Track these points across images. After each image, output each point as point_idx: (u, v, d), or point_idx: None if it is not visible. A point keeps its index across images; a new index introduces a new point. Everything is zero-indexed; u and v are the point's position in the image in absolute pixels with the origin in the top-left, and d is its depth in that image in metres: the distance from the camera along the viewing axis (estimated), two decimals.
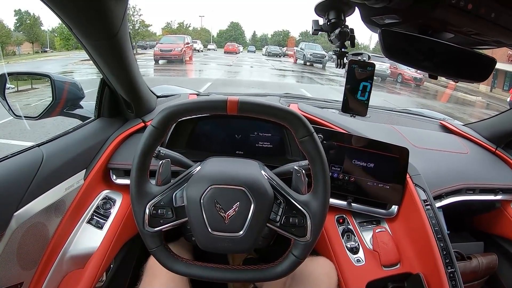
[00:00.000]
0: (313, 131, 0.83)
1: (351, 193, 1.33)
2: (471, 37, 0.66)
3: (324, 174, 0.85)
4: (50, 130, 4.20)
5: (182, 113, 0.83)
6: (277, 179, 0.92)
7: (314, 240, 0.87)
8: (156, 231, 0.87)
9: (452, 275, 1.14)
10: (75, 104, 1.49)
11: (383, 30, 0.67)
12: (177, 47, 20.29)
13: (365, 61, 1.16)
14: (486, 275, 1.56)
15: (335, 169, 1.32)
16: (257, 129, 1.46)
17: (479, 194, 1.53)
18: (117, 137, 1.36)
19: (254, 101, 0.82)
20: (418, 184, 1.31)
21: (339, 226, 1.32)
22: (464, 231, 1.80)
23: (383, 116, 1.91)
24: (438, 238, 1.19)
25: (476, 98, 17.22)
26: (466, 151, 1.67)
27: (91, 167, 1.29)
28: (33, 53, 33.89)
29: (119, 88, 1.29)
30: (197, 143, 1.47)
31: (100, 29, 0.95)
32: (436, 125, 1.93)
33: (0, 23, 31.84)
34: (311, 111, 1.53)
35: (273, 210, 0.87)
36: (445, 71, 0.73)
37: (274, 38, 79.74)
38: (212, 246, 0.87)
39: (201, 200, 0.83)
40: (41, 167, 1.08)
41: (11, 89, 1.42)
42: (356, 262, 1.23)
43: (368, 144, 1.30)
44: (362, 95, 1.21)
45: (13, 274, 1.03)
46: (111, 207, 1.33)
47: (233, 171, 0.88)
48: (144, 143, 0.84)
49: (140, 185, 0.86)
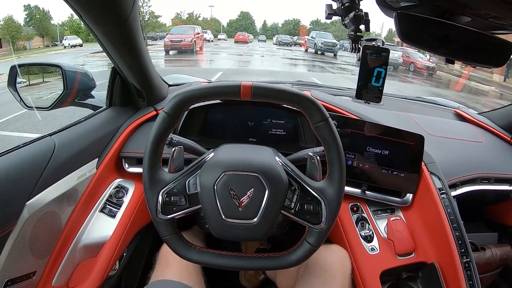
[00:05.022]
0: (328, 116, 0.82)
1: (365, 181, 1.31)
2: (488, 20, 0.64)
3: (339, 160, 0.84)
4: (64, 123, 4.30)
5: (194, 99, 0.82)
6: (291, 166, 0.91)
7: (329, 227, 0.86)
8: (169, 218, 0.87)
9: (467, 265, 1.12)
10: (86, 94, 1.49)
11: (399, 14, 0.66)
12: (187, 37, 20.30)
13: (380, 46, 1.15)
14: (499, 266, 1.53)
15: (349, 156, 1.30)
16: (270, 116, 1.45)
17: (494, 184, 1.50)
18: (129, 125, 1.36)
19: (268, 86, 0.81)
20: (434, 172, 1.28)
21: (353, 214, 1.30)
22: (478, 221, 1.78)
23: (396, 103, 1.88)
24: (453, 227, 1.17)
25: (489, 88, 16.92)
26: (481, 140, 1.63)
27: (103, 156, 1.30)
28: (43, 47, 34.21)
29: (131, 76, 1.28)
30: (209, 131, 1.46)
31: (110, 14, 0.94)
32: (450, 113, 1.89)
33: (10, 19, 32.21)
34: (324, 97, 1.51)
35: (287, 197, 0.85)
36: (462, 56, 0.71)
37: (285, 27, 79.40)
38: (226, 234, 0.86)
39: (214, 187, 0.82)
40: (53, 156, 1.08)
41: (23, 83, 1.43)
42: (370, 251, 1.22)
43: (382, 131, 1.28)
44: (376, 81, 1.18)
45: (26, 263, 1.04)
46: (124, 196, 1.34)
47: (247, 158, 0.87)
48: (156, 129, 0.83)
49: (152, 172, 0.86)
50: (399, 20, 0.66)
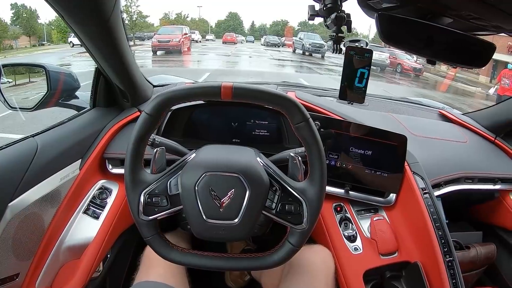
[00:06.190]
0: (308, 117, 0.82)
1: (348, 181, 1.32)
2: (470, 21, 0.65)
3: (320, 161, 0.84)
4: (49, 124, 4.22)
5: (175, 100, 0.82)
6: (273, 166, 0.91)
7: (311, 227, 0.86)
8: (151, 219, 0.86)
9: (450, 264, 1.13)
10: (70, 95, 1.48)
11: (380, 15, 0.66)
12: (175, 37, 20.28)
13: (363, 47, 1.15)
14: (484, 265, 1.55)
15: (333, 157, 1.31)
16: (254, 117, 1.45)
17: (478, 183, 1.52)
18: (113, 126, 1.34)
19: (249, 87, 0.81)
20: (416, 172, 1.30)
21: (336, 214, 1.31)
22: (463, 220, 1.80)
23: (381, 104, 1.89)
24: (436, 227, 1.18)
25: (475, 89, 17.21)
26: (465, 140, 1.66)
27: (86, 157, 1.28)
28: (30, 47, 33.78)
29: (114, 76, 1.27)
30: (193, 132, 1.45)
31: (91, 14, 0.93)
32: (435, 114, 1.91)
33: None
34: (308, 98, 1.51)
35: (268, 198, 0.86)
36: (444, 57, 0.71)
37: (273, 28, 79.43)
38: (207, 234, 0.86)
39: (195, 188, 0.82)
40: (35, 157, 1.07)
41: (8, 83, 1.41)
42: (354, 251, 1.23)
43: (366, 132, 1.29)
44: (359, 82, 1.20)
45: (9, 265, 1.02)
46: (107, 197, 1.32)
47: (228, 158, 0.87)
48: (137, 130, 0.83)
49: (134, 173, 0.85)
50: (380, 21, 0.66)
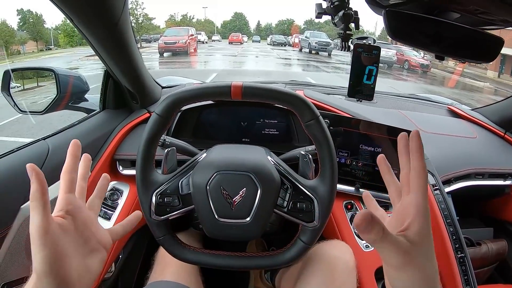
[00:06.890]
0: (318, 115, 0.82)
1: (359, 179, 1.32)
2: (477, 16, 0.65)
3: (331, 158, 0.84)
4: (59, 127, 4.28)
5: (185, 100, 0.82)
6: (283, 165, 0.91)
7: (322, 225, 0.86)
8: (163, 219, 0.87)
9: (462, 260, 1.13)
10: (80, 98, 1.49)
11: (388, 11, 0.66)
12: (182, 39, 20.35)
13: (371, 44, 1.15)
14: (495, 261, 1.54)
15: (342, 154, 1.30)
16: (263, 116, 1.45)
17: (488, 179, 1.51)
18: (123, 128, 1.35)
19: (259, 86, 0.81)
20: (427, 168, 1.28)
21: (347, 212, 1.30)
22: (473, 217, 1.78)
23: (389, 101, 1.88)
24: (447, 223, 1.17)
25: (483, 84, 17.02)
26: (474, 135, 1.64)
27: (97, 159, 1.29)
28: (37, 51, 34.09)
29: (123, 78, 1.28)
30: (203, 132, 1.46)
31: (100, 17, 0.94)
32: (443, 110, 1.90)
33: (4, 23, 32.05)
34: (317, 96, 1.51)
35: (280, 196, 0.86)
36: (452, 52, 0.71)
37: (279, 27, 79.39)
38: (220, 233, 0.86)
39: (207, 187, 0.82)
40: (47, 159, 1.08)
41: (16, 88, 1.43)
42: (365, 248, 1.22)
43: (375, 129, 1.28)
44: (368, 79, 1.19)
45: (21, 267, 1.03)
46: (119, 198, 1.33)
47: (239, 157, 0.87)
48: (148, 131, 0.83)
49: (145, 173, 0.86)
50: (388, 17, 0.66)
